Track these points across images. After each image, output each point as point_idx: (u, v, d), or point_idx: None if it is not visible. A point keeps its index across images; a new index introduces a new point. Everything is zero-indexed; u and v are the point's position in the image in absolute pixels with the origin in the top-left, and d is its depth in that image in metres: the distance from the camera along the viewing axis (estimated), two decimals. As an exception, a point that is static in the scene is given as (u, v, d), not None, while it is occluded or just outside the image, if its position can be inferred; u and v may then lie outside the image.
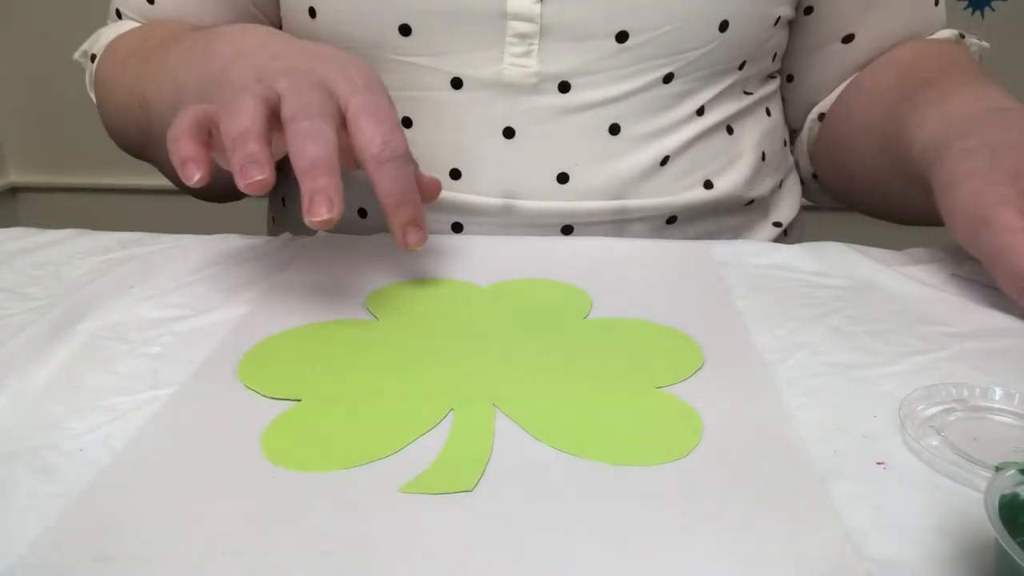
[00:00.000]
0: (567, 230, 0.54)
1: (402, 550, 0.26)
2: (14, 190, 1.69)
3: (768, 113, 0.61)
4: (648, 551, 0.26)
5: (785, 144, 0.65)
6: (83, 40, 0.66)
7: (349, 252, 0.51)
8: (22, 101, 1.61)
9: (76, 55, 0.63)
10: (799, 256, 0.49)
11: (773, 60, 0.60)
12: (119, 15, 0.62)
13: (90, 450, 0.31)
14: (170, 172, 0.57)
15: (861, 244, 0.51)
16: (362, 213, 0.58)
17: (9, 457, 0.31)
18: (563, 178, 0.53)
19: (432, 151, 0.53)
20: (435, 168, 0.53)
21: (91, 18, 1.55)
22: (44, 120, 1.62)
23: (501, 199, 0.54)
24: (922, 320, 0.41)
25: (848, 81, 0.61)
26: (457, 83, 0.52)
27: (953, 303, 0.43)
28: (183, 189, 0.53)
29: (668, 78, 0.52)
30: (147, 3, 0.60)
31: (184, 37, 0.52)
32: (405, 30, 0.52)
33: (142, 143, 0.58)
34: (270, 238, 0.52)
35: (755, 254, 0.50)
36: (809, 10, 0.59)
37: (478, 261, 0.49)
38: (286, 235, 0.53)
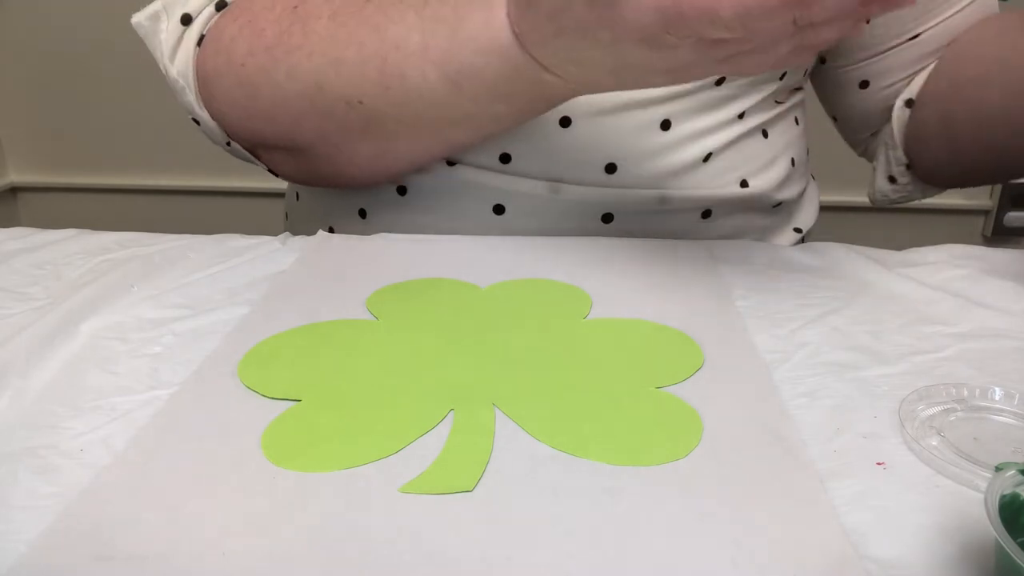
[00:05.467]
0: (608, 218, 0.55)
1: (402, 550, 0.26)
2: (14, 190, 1.69)
3: (796, 122, 0.63)
4: (648, 551, 0.26)
5: (808, 153, 0.66)
6: (82, 39, 0.63)
7: (349, 252, 0.51)
8: (22, 101, 1.61)
9: (139, 17, 0.52)
10: (799, 256, 0.50)
11: (804, 75, 0.62)
12: None
13: (90, 450, 0.31)
14: (333, 164, 0.53)
15: (861, 245, 0.51)
16: (362, 214, 0.58)
17: (9, 457, 0.31)
18: (611, 168, 0.54)
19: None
20: (485, 152, 0.54)
21: (91, 19, 1.55)
22: (44, 120, 1.62)
23: (548, 184, 0.54)
24: (922, 320, 0.41)
25: (933, 62, 0.61)
26: None
27: (953, 303, 0.43)
28: (336, 183, 0.55)
29: (720, 82, 0.54)
30: None
31: (394, 38, 0.46)
32: None
33: (323, 137, 0.51)
34: (270, 238, 0.52)
35: (755, 254, 0.50)
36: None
37: (478, 261, 0.49)
38: (286, 235, 0.54)
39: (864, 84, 0.63)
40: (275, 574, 0.25)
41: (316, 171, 0.55)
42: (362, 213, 0.58)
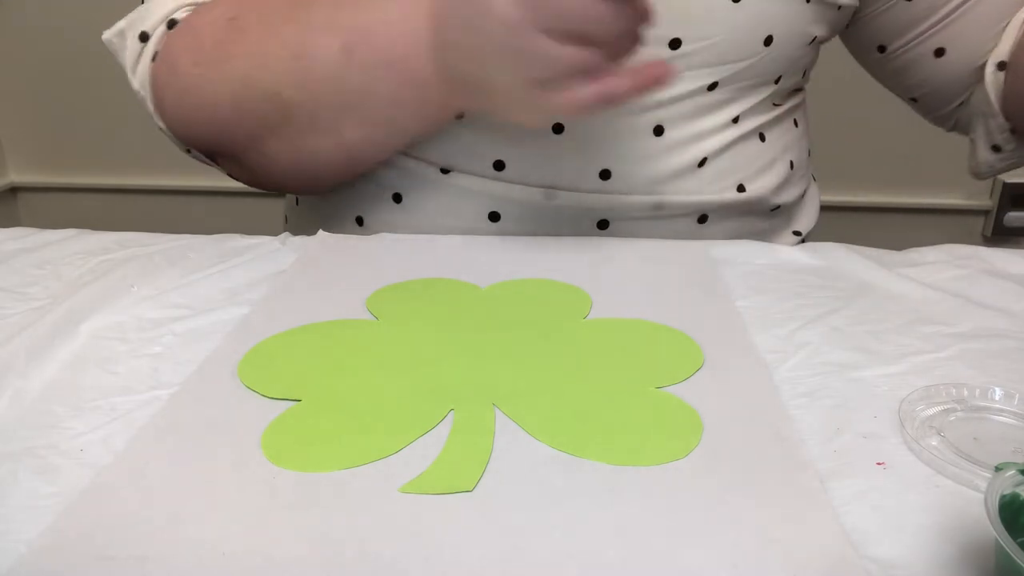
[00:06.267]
0: (603, 224, 0.55)
1: (402, 550, 0.26)
2: (14, 190, 1.69)
3: (795, 124, 0.62)
4: (648, 551, 0.26)
5: (809, 155, 0.65)
6: (82, 39, 0.65)
7: (349, 252, 0.51)
8: (22, 101, 1.61)
9: (108, 35, 0.57)
10: (799, 256, 0.50)
11: (803, 76, 0.62)
12: None
13: (90, 450, 0.31)
14: (275, 166, 0.56)
15: (861, 245, 0.51)
16: (359, 221, 0.58)
17: (9, 457, 0.31)
18: (605, 175, 0.54)
19: (480, 143, 0.54)
20: (480, 159, 0.54)
21: (91, 18, 1.55)
22: (44, 120, 1.62)
23: (542, 191, 0.54)
24: (922, 320, 0.41)
25: (1016, 12, 0.59)
26: None
27: (953, 303, 0.43)
28: (270, 186, 0.58)
29: (712, 86, 0.54)
30: None
31: (307, 23, 0.50)
32: None
33: (251, 138, 0.54)
34: (270, 238, 0.52)
35: (755, 254, 0.50)
36: None
37: (478, 261, 0.49)
38: (286, 235, 0.54)
39: (940, 52, 0.61)
40: (275, 574, 0.25)
41: (254, 177, 0.58)
42: (359, 220, 0.58)
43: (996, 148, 0.64)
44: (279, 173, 0.56)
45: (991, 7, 0.59)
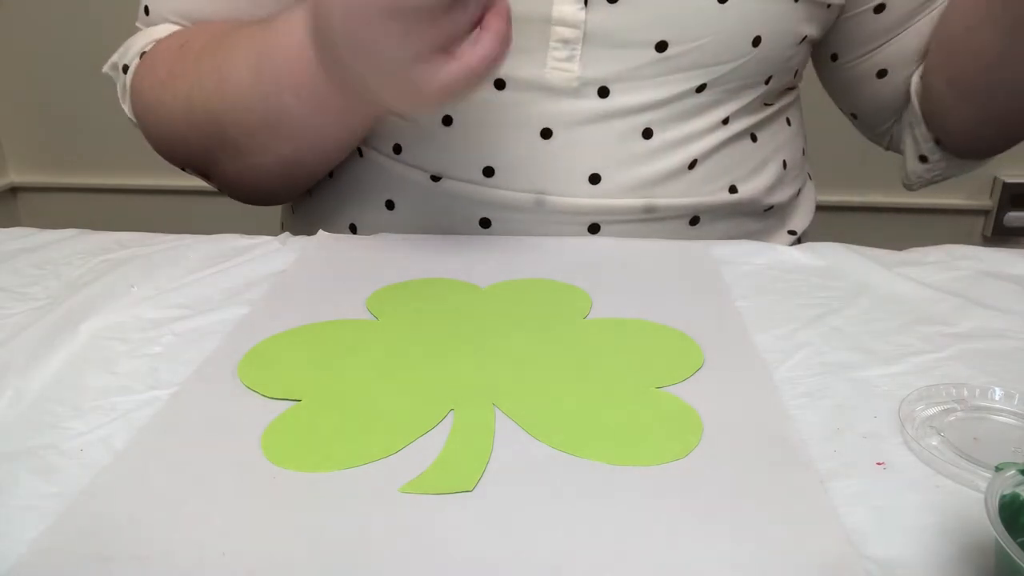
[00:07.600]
0: (594, 228, 0.55)
1: (402, 550, 0.26)
2: (14, 190, 1.69)
3: (788, 123, 0.62)
4: (648, 551, 0.26)
5: (804, 153, 0.65)
6: (82, 39, 0.67)
7: (349, 252, 0.51)
8: (22, 101, 1.61)
9: (106, 68, 0.62)
10: (799, 256, 0.50)
11: (795, 76, 0.61)
12: (147, 11, 0.61)
13: (90, 450, 0.31)
14: (231, 181, 0.58)
15: (862, 245, 0.51)
16: (352, 228, 0.58)
17: (9, 457, 0.31)
18: (595, 179, 0.54)
19: (468, 149, 0.54)
20: (469, 166, 0.54)
21: (90, 18, 1.55)
22: (44, 120, 1.62)
23: (532, 196, 0.54)
24: (922, 320, 0.41)
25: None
26: (500, 84, 0.53)
27: (953, 303, 0.43)
28: (238, 198, 0.60)
29: (701, 88, 0.54)
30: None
31: (231, 45, 0.52)
32: None
33: (206, 156, 0.57)
34: (270, 238, 0.52)
35: (755, 254, 0.50)
36: (880, 8, 0.60)
37: (478, 261, 0.49)
38: (286, 235, 0.54)
39: (882, 73, 0.62)
40: (275, 574, 0.25)
41: (225, 189, 0.60)
42: (352, 228, 0.58)
43: (923, 158, 0.65)
44: (238, 187, 0.59)
45: (928, 25, 0.59)
